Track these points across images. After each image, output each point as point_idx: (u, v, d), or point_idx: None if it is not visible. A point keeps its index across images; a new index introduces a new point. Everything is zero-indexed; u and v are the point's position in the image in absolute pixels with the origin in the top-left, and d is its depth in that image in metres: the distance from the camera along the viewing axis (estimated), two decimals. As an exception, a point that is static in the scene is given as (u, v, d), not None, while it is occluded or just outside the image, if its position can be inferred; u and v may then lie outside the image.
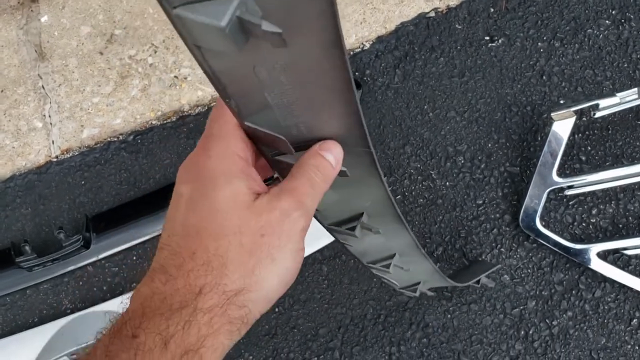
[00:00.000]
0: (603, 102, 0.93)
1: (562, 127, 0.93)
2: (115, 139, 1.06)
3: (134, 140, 1.06)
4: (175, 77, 1.07)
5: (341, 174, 0.41)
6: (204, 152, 0.36)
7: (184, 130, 1.06)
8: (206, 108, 1.07)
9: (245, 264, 0.32)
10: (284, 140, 0.37)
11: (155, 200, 1.03)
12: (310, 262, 0.98)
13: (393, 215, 0.52)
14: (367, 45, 1.09)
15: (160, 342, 0.30)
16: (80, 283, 1.00)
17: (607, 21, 1.06)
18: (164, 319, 0.31)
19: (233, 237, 0.32)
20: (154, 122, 1.07)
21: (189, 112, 1.07)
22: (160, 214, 1.01)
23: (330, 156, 0.38)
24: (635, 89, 0.93)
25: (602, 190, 0.98)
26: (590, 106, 0.94)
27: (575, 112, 0.94)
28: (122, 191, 1.04)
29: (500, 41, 1.06)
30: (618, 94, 0.93)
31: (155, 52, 1.09)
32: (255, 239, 0.32)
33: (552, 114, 0.94)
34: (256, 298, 0.33)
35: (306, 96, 0.33)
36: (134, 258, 1.00)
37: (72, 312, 0.98)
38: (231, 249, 0.32)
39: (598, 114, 0.93)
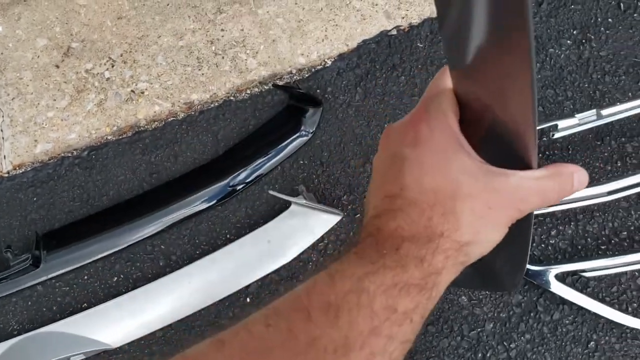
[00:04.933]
0: (562, 123, 0.93)
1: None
2: (70, 155, 1.04)
3: (88, 155, 1.03)
4: (132, 91, 1.05)
5: None
6: (426, 123, 0.40)
7: (139, 146, 1.03)
8: (163, 123, 1.05)
9: (474, 225, 0.38)
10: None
11: (108, 217, 1.00)
12: (267, 282, 0.96)
13: None
14: (329, 63, 1.07)
15: (415, 259, 0.36)
16: (29, 303, 0.97)
17: (568, 41, 1.06)
18: (414, 245, 0.37)
19: (466, 201, 0.38)
20: (109, 137, 1.04)
21: (145, 127, 1.05)
22: (114, 232, 0.98)
23: (577, 185, 0.41)
24: (594, 111, 0.93)
25: (562, 212, 0.97)
26: (550, 127, 0.93)
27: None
28: (75, 208, 1.01)
29: (461, 60, 1.06)
30: (577, 115, 0.93)
31: (113, 66, 1.06)
32: (484, 209, 0.38)
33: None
34: (474, 251, 0.39)
35: None
36: (86, 277, 0.98)
37: (20, 333, 0.95)
38: (465, 210, 0.38)
39: (557, 135, 0.93)
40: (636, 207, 0.98)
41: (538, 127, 0.92)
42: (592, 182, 0.98)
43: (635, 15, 1.07)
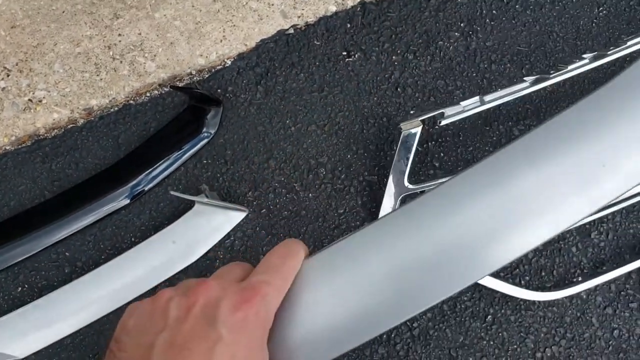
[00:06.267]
0: (448, 111, 0.98)
1: (410, 135, 0.97)
2: (-34, 167, 1.02)
3: (-14, 167, 1.01)
4: (30, 100, 1.04)
5: None
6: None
7: (39, 155, 1.02)
8: (62, 130, 1.04)
9: None
10: None
11: (10, 228, 0.99)
12: (175, 283, 0.97)
13: None
14: (229, 63, 1.09)
15: None
16: None
17: (456, 33, 1.12)
18: None
19: None
20: (7, 148, 1.03)
21: (45, 135, 1.04)
22: (17, 242, 0.97)
23: None
24: (477, 97, 0.98)
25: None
26: (436, 115, 0.98)
27: (423, 121, 0.98)
28: (-26, 221, 0.99)
29: (357, 56, 1.10)
30: (462, 102, 0.98)
31: (8, 75, 1.05)
32: None
33: (401, 124, 0.97)
34: None
35: None
36: (-12, 290, 0.96)
37: None
38: None
39: (444, 122, 0.98)
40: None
41: (427, 116, 0.97)
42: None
43: (517, 6, 1.14)
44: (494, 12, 1.14)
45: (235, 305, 0.37)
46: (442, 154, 1.05)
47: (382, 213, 0.98)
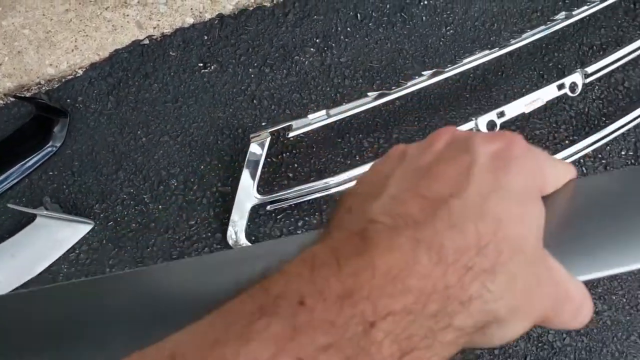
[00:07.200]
0: (296, 123, 1.00)
1: (259, 147, 0.98)
2: None
3: None
4: None
5: None
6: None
7: None
8: None
9: (518, 299, 0.28)
10: None
11: None
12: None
13: None
14: (80, 72, 1.07)
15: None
16: None
17: (312, 49, 1.15)
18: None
19: (525, 264, 0.28)
20: None
21: None
22: None
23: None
24: (324, 111, 1.02)
25: (308, 204, 1.05)
26: (285, 127, 1.00)
27: (272, 133, 1.00)
28: None
29: (213, 67, 1.11)
30: (309, 115, 1.01)
31: None
32: (534, 284, 0.29)
33: (250, 136, 0.99)
34: (495, 336, 0.28)
35: None
36: None
37: None
38: (519, 275, 0.28)
39: (291, 134, 1.00)
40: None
41: (275, 128, 1.00)
42: (335, 174, 1.07)
43: (370, 24, 1.19)
44: (348, 29, 1.18)
45: (490, 138, 0.30)
46: (296, 165, 1.07)
47: (231, 224, 0.99)
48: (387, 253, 0.24)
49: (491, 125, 1.05)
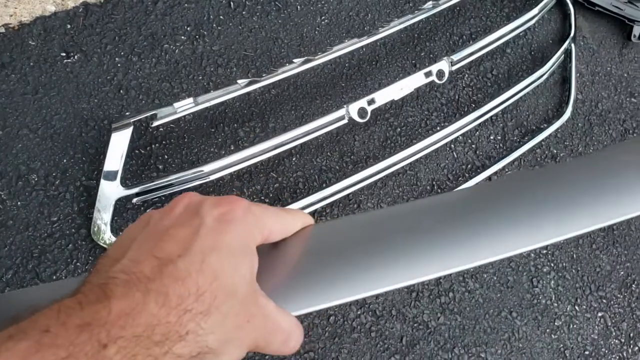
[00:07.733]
0: (161, 112, 0.98)
1: (121, 137, 0.95)
2: None
3: None
4: None
5: None
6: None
7: None
8: None
9: (227, 333, 0.35)
10: None
11: None
12: None
13: None
14: None
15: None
16: None
17: (183, 37, 1.13)
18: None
19: (234, 304, 0.35)
20: None
21: None
22: None
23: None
24: (192, 99, 0.99)
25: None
26: (149, 116, 0.98)
27: (135, 122, 0.97)
28: None
29: (76, 57, 1.06)
30: (175, 104, 0.98)
31: None
32: (244, 320, 0.35)
33: (112, 126, 0.95)
34: None
35: None
36: None
37: None
38: (229, 313, 0.35)
39: (156, 123, 0.97)
40: (248, 185, 1.07)
41: (138, 117, 0.96)
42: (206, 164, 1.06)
43: (243, 12, 1.18)
44: (221, 17, 1.17)
45: (217, 202, 0.37)
46: (166, 156, 1.05)
47: (94, 218, 0.95)
48: (122, 299, 0.30)
49: (362, 112, 1.07)
